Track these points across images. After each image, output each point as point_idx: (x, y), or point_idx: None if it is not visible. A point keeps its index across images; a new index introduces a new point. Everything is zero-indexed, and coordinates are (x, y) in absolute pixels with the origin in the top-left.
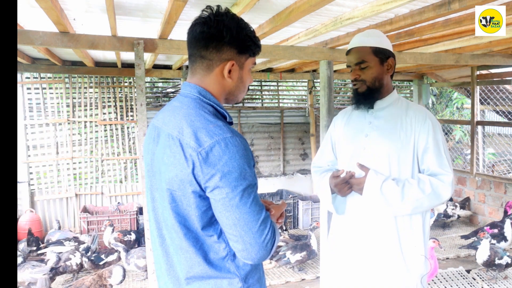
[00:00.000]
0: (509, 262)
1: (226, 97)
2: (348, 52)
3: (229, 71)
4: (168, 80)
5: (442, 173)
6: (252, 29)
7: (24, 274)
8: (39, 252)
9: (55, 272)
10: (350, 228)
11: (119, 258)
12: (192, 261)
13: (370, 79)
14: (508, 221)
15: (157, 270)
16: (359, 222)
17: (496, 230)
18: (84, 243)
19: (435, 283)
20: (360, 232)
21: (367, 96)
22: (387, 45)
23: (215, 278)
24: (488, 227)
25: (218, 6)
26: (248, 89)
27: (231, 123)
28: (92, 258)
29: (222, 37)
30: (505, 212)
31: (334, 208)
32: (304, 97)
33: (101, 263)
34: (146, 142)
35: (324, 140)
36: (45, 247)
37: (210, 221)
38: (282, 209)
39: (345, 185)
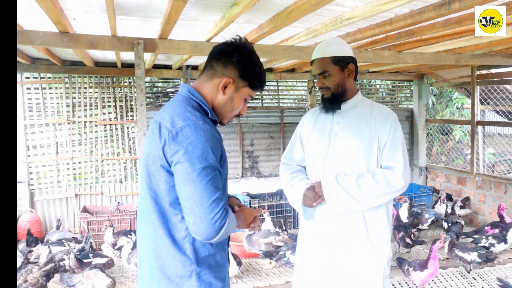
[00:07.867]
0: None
1: (212, 107)
2: (312, 63)
3: (225, 87)
4: (168, 80)
5: (395, 166)
6: (262, 68)
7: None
8: (32, 248)
9: (51, 267)
10: (320, 227)
11: (108, 264)
12: (156, 234)
13: (333, 86)
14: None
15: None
16: (329, 220)
17: (497, 230)
18: (81, 242)
19: (435, 283)
20: (329, 229)
21: (332, 101)
22: (347, 51)
23: (173, 258)
24: (489, 227)
25: (245, 38)
26: (238, 116)
27: (215, 122)
28: (79, 256)
29: (232, 56)
30: (501, 216)
31: (304, 214)
32: (304, 97)
33: (86, 260)
34: (147, 136)
35: (293, 137)
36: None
37: (177, 199)
38: (255, 213)
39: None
